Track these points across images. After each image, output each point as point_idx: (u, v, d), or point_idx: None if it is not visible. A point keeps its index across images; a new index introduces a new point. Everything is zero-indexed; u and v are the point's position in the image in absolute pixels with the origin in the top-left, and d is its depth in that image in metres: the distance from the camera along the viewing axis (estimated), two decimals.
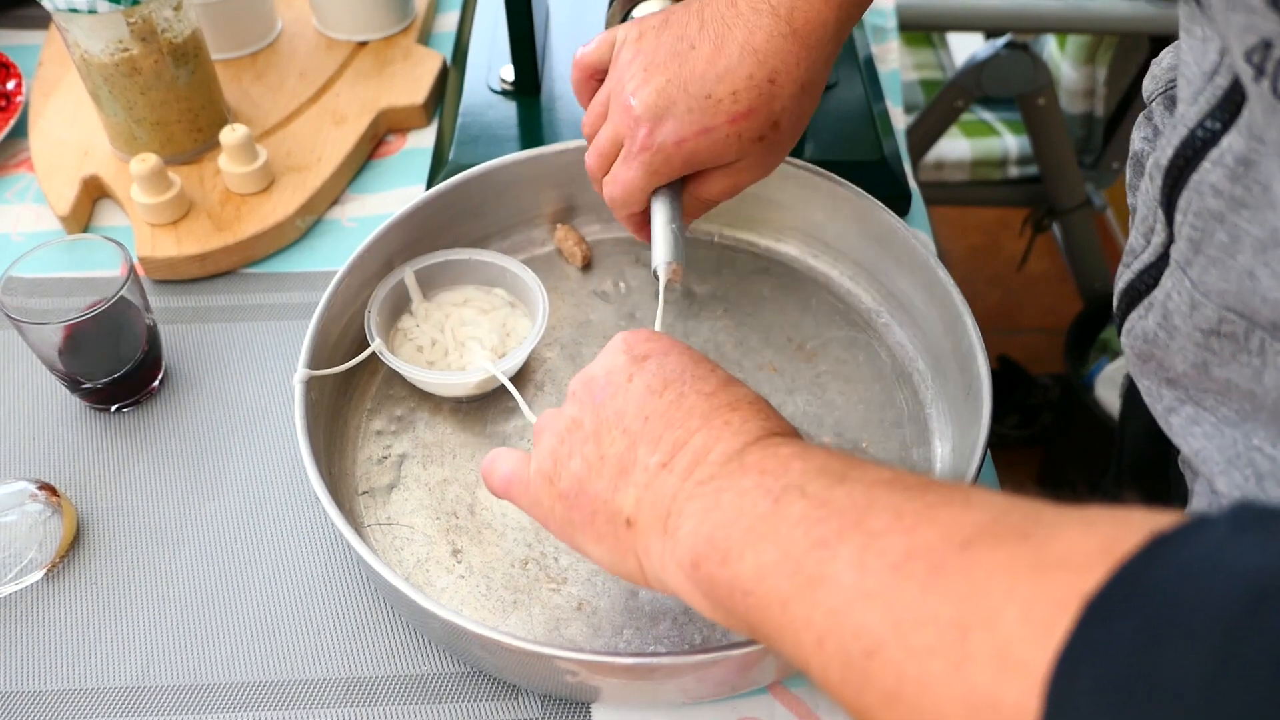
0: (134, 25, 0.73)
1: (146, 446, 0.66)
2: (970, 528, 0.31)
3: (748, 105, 0.53)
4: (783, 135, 0.55)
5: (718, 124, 0.53)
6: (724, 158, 0.55)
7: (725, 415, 0.41)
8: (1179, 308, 0.44)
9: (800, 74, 0.53)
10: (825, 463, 0.37)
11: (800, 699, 0.55)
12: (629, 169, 0.56)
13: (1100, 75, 1.45)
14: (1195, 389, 0.46)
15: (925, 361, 0.68)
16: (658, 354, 0.45)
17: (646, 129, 0.54)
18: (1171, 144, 0.42)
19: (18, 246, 0.77)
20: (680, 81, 0.53)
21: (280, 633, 0.57)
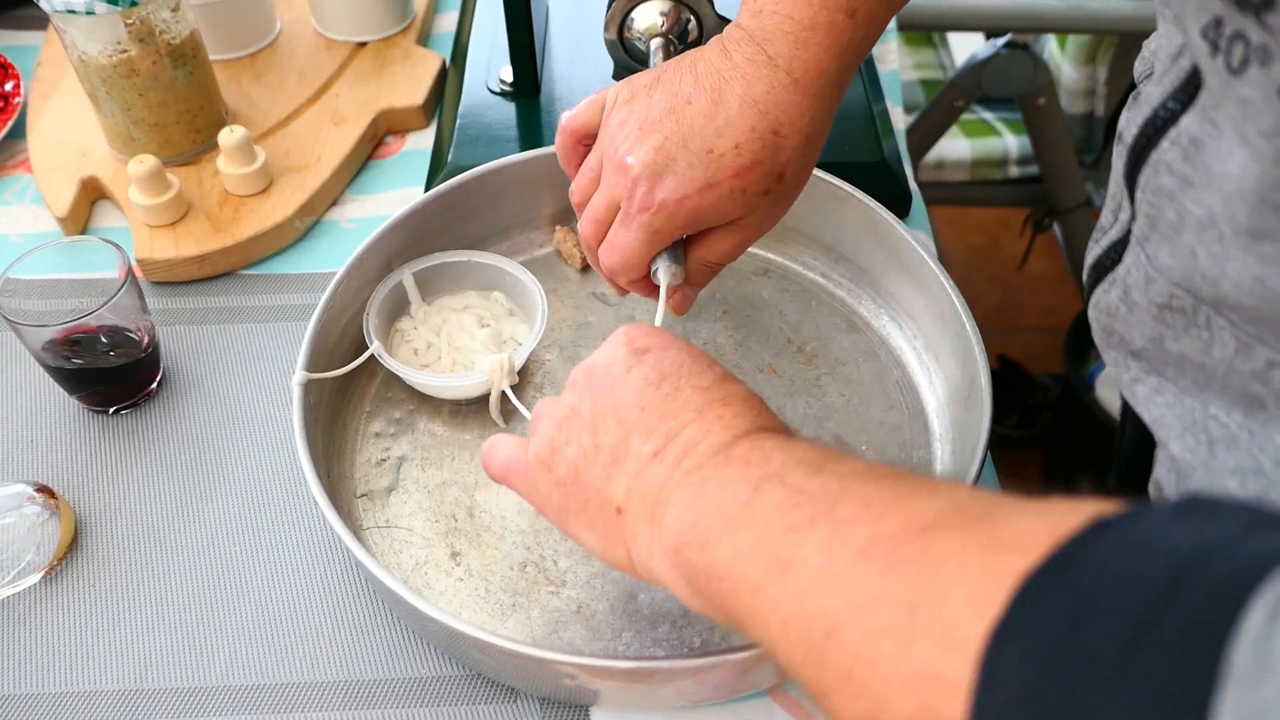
0: (132, 26, 0.72)
1: (145, 449, 0.65)
2: (932, 514, 0.32)
3: (751, 159, 0.51)
4: (788, 187, 0.53)
5: (721, 179, 0.51)
6: (728, 214, 0.53)
7: (718, 409, 0.42)
8: (1137, 283, 0.45)
9: (804, 125, 0.51)
10: (805, 454, 0.38)
11: (799, 703, 0.54)
12: (628, 231, 0.53)
13: (1100, 75, 1.45)
14: (1156, 361, 0.47)
15: (925, 362, 0.68)
16: (657, 348, 0.46)
17: (646, 188, 0.51)
18: (1136, 122, 0.43)
19: (16, 248, 0.77)
20: (679, 138, 0.51)
21: (278, 636, 0.57)
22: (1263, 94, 0.32)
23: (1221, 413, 0.44)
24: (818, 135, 0.53)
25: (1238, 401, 0.43)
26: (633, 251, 0.54)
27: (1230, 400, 0.43)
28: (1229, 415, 0.43)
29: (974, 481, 0.55)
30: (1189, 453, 0.45)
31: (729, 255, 0.55)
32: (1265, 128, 0.33)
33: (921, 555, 0.31)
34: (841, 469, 0.37)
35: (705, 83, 0.51)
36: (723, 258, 0.55)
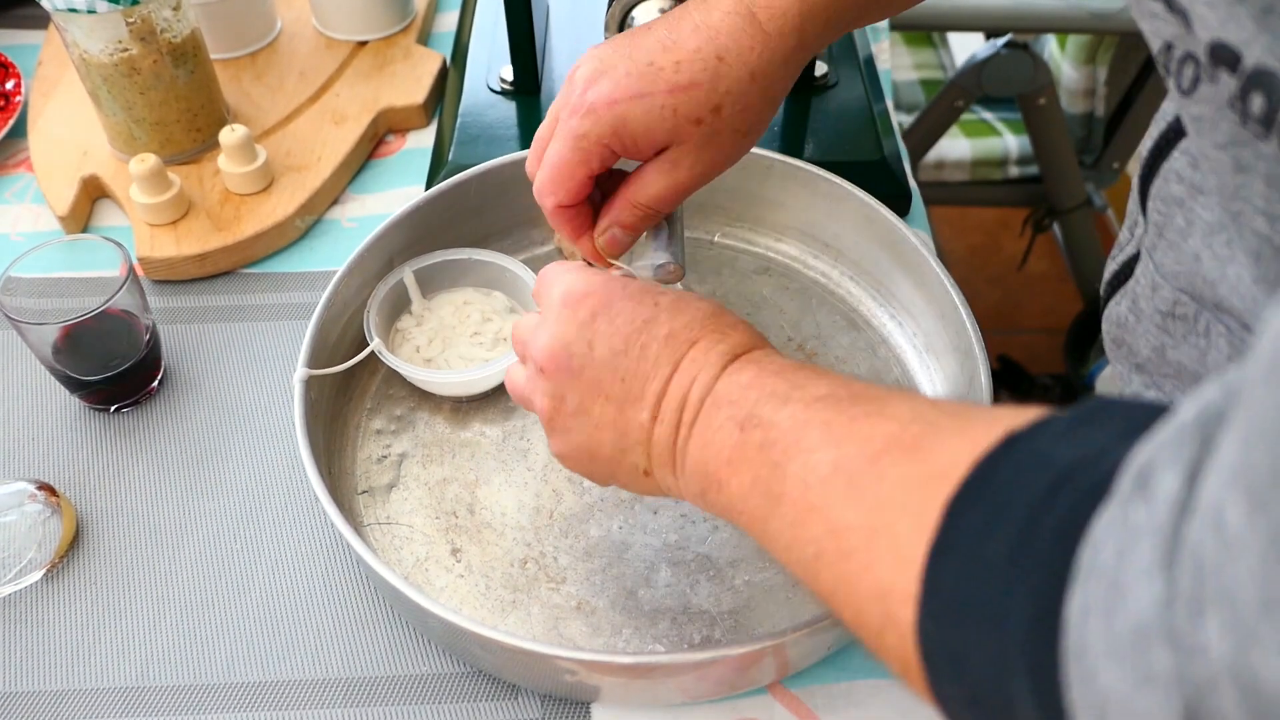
0: (133, 25, 0.72)
1: (146, 447, 0.66)
2: (881, 440, 0.36)
3: (689, 78, 0.49)
4: (723, 124, 0.51)
5: (654, 91, 0.49)
6: (655, 134, 0.50)
7: (689, 353, 0.45)
8: (1144, 291, 0.47)
9: (753, 59, 0.50)
10: (774, 385, 0.42)
11: (799, 699, 0.55)
12: (556, 141, 0.51)
13: (1100, 75, 1.45)
14: (1156, 373, 0.48)
15: (925, 360, 0.68)
16: (600, 307, 0.47)
17: (580, 90, 0.50)
18: (1152, 136, 0.45)
19: (17, 246, 0.77)
20: (626, 50, 0.50)
21: (280, 633, 0.57)
22: (1214, 109, 0.33)
23: None
24: (766, 76, 0.51)
25: None
26: (560, 161, 0.51)
27: None
28: None
29: None
30: None
31: (659, 199, 0.52)
32: (1220, 140, 0.34)
33: (875, 484, 0.35)
34: (805, 395, 0.40)
35: (670, 14, 0.52)
36: (652, 201, 0.53)
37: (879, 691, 0.55)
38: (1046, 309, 1.96)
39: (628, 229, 0.54)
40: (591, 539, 0.60)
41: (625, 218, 0.54)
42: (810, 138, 0.78)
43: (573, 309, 0.47)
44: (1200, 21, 0.31)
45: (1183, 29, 0.33)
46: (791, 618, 0.56)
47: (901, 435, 0.36)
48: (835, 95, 0.81)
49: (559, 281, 0.49)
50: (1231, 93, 0.32)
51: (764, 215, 0.74)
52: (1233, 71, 0.31)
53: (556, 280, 0.49)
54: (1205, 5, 0.31)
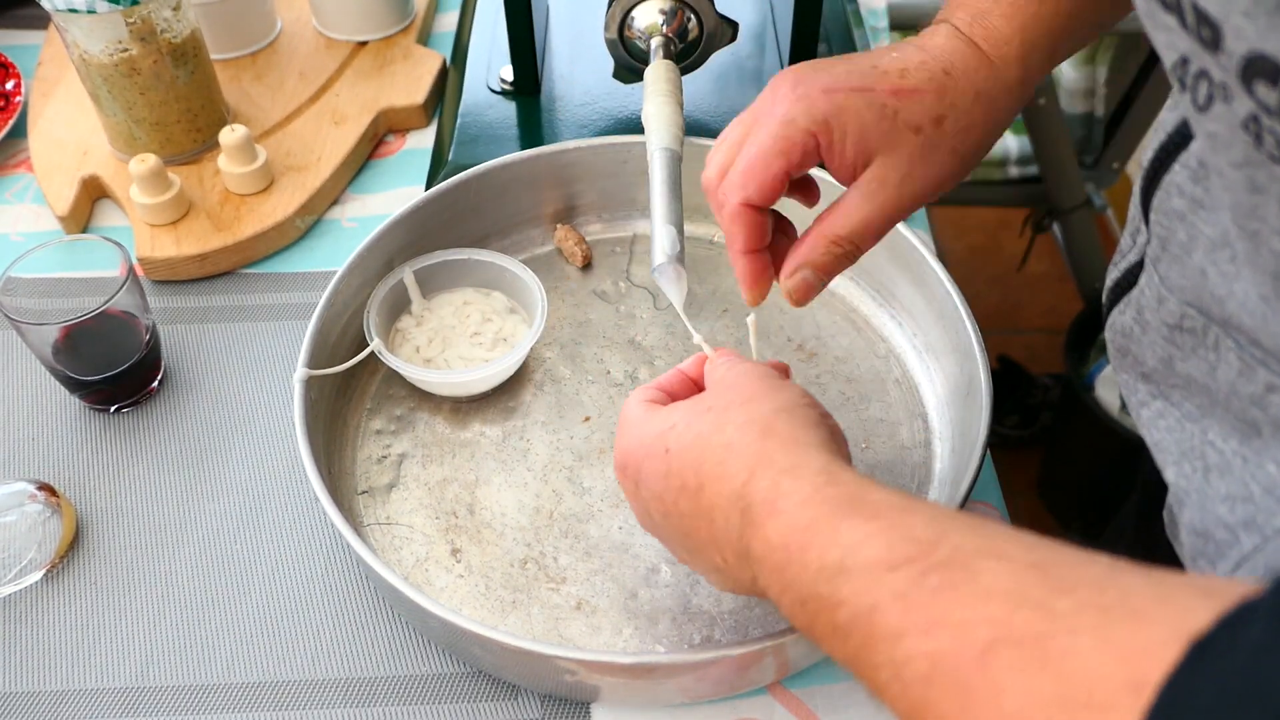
0: (133, 25, 0.73)
1: (146, 447, 0.66)
2: (983, 630, 0.30)
3: (915, 83, 0.47)
4: (943, 138, 0.47)
5: (877, 87, 0.46)
6: (869, 136, 0.46)
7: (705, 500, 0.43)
8: (1150, 303, 0.46)
9: (979, 80, 0.48)
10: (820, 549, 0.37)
11: (799, 699, 0.55)
12: (757, 132, 0.47)
13: (1100, 75, 1.45)
14: (1164, 384, 0.47)
15: (925, 361, 0.68)
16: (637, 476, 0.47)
17: (789, 82, 0.46)
18: (1152, 148, 0.44)
19: (17, 246, 0.77)
20: (844, 61, 0.47)
21: (280, 633, 0.57)
22: (1228, 129, 0.33)
23: (1219, 439, 0.44)
24: (993, 102, 0.48)
25: (1235, 428, 0.43)
26: (759, 152, 0.47)
27: (1229, 426, 0.44)
28: (1225, 442, 0.44)
29: (972, 481, 0.55)
30: (1184, 479, 0.46)
31: (863, 229, 0.48)
32: (1235, 159, 0.34)
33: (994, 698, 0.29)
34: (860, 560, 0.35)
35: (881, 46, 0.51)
36: (854, 232, 0.48)
37: None
38: (1046, 309, 1.96)
39: (821, 270, 0.49)
40: (591, 539, 0.60)
41: (819, 256, 0.49)
42: None
43: (623, 482, 0.49)
44: (1235, 34, 0.30)
45: (1198, 45, 0.32)
46: None
47: (1009, 624, 0.30)
48: None
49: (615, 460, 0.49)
50: (1247, 114, 0.31)
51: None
52: (1273, 84, 0.29)
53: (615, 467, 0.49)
54: (1243, 16, 0.29)
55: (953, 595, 0.32)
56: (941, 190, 0.49)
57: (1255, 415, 0.42)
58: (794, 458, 0.41)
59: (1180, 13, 0.32)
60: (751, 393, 0.45)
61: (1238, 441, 0.43)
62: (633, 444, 0.47)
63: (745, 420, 0.43)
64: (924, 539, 0.34)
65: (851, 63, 0.48)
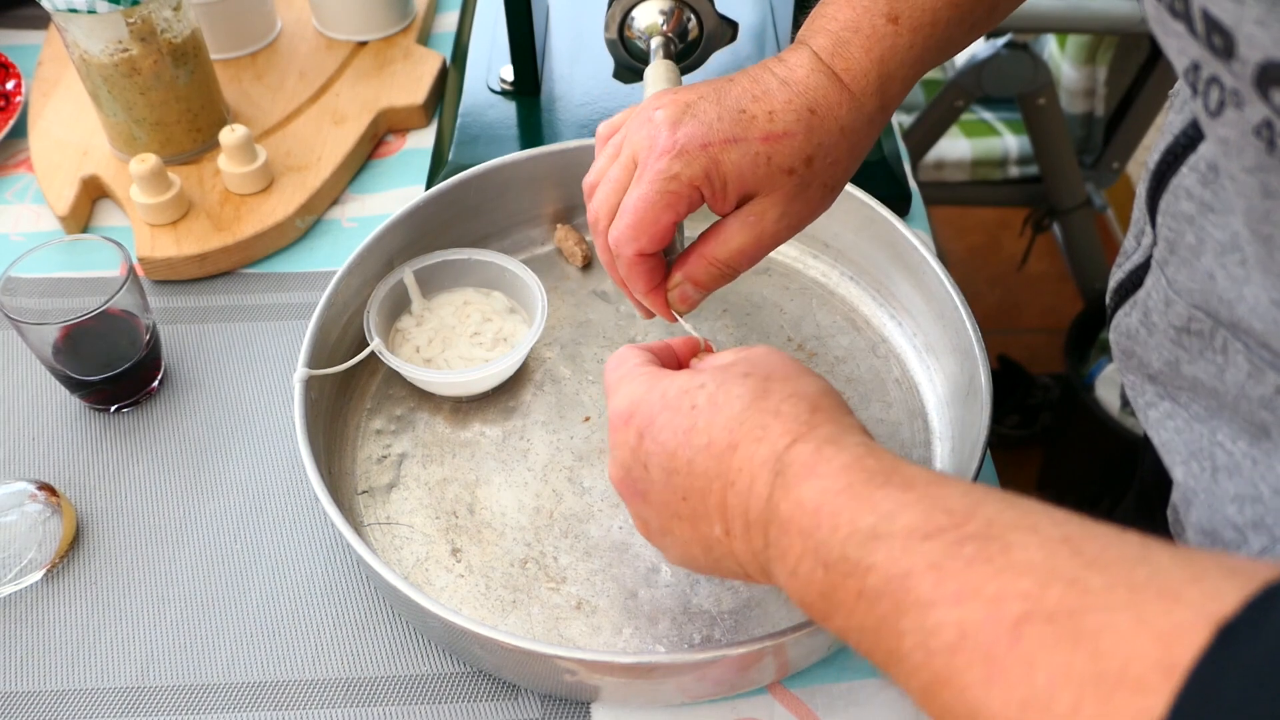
0: (133, 25, 0.73)
1: (146, 447, 0.66)
2: (1015, 603, 0.30)
3: (784, 127, 0.49)
4: (814, 176, 0.50)
5: (750, 137, 0.48)
6: (746, 181, 0.49)
7: (733, 462, 0.42)
8: (1157, 305, 0.46)
9: (842, 115, 0.50)
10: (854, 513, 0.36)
11: (799, 699, 0.55)
12: (642, 185, 0.49)
13: (1100, 75, 1.45)
14: (1171, 385, 0.47)
15: (925, 360, 0.68)
16: (645, 426, 0.45)
17: (668, 132, 0.48)
18: (1159, 149, 0.44)
19: (17, 246, 0.77)
20: (713, 98, 0.49)
21: (280, 633, 0.57)
22: (1240, 134, 0.33)
23: (1228, 440, 0.44)
24: (855, 135, 0.51)
25: (1244, 429, 0.43)
26: (647, 205, 0.49)
27: (1238, 428, 0.44)
28: (1234, 443, 0.44)
29: (973, 480, 0.55)
30: (1192, 479, 0.46)
31: (740, 254, 0.51)
32: (1248, 164, 0.34)
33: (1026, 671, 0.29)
34: (897, 527, 0.35)
35: (748, 72, 0.51)
36: (732, 256, 0.51)
37: (879, 691, 0.55)
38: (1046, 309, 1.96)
39: (700, 286, 0.53)
40: (591, 539, 0.60)
41: (700, 274, 0.52)
42: None
43: (622, 432, 0.46)
44: (1248, 41, 0.30)
45: (1209, 53, 0.32)
46: (791, 617, 0.56)
47: (1041, 599, 0.30)
48: None
49: (611, 396, 0.48)
50: (1260, 120, 0.31)
51: None
52: None
53: (610, 393, 0.48)
54: (1256, 24, 0.29)
55: (986, 567, 0.32)
56: (811, 219, 0.52)
57: (1264, 417, 0.42)
58: (837, 431, 0.41)
59: (1189, 20, 0.32)
60: (791, 370, 0.45)
61: (1247, 443, 0.43)
62: (648, 394, 0.46)
63: (792, 393, 0.43)
64: (958, 510, 0.34)
65: (721, 105, 0.49)
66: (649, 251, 0.51)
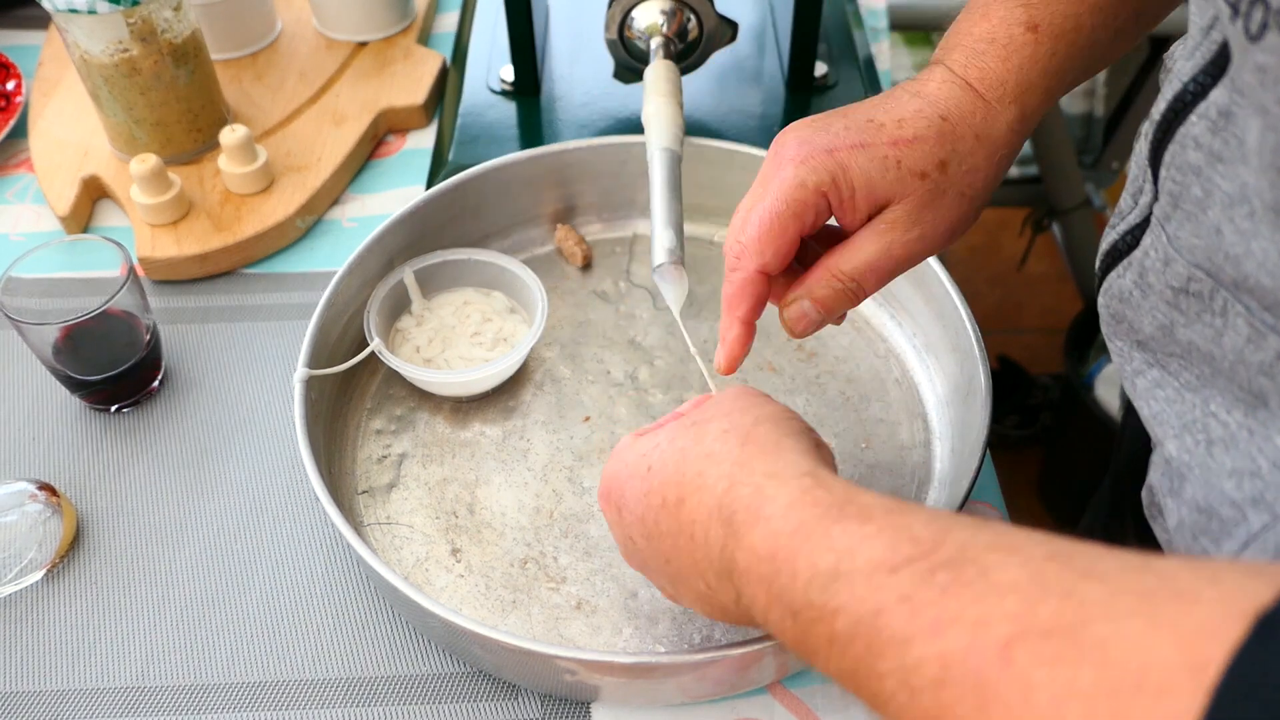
0: (134, 26, 0.73)
1: (146, 447, 0.66)
2: (1004, 624, 0.28)
3: (913, 133, 0.47)
4: (949, 182, 0.48)
5: (877, 142, 0.47)
6: (876, 187, 0.47)
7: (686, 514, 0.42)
8: (1154, 265, 0.44)
9: (977, 122, 0.48)
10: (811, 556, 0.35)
11: (799, 699, 0.55)
12: (766, 196, 0.47)
13: (1100, 75, 1.45)
14: (1162, 352, 0.46)
15: (925, 361, 0.68)
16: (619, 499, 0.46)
17: (794, 142, 0.47)
18: (1165, 98, 0.42)
19: (17, 246, 0.77)
20: (840, 113, 0.48)
21: (280, 633, 0.57)
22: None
23: (1222, 410, 0.43)
24: (993, 143, 0.48)
25: (1240, 399, 0.42)
26: (771, 216, 0.47)
27: (1232, 397, 0.42)
28: (1229, 413, 0.42)
29: (972, 481, 0.55)
30: (1186, 453, 0.45)
31: (869, 268, 0.48)
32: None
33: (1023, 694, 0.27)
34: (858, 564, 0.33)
35: (877, 95, 0.50)
36: (859, 270, 0.48)
37: None
38: (1046, 309, 1.96)
39: (821, 305, 0.49)
40: (591, 539, 0.60)
41: (820, 290, 0.49)
42: None
43: (608, 512, 0.48)
44: None
45: None
46: None
47: (1031, 616, 0.28)
48: (835, 95, 0.81)
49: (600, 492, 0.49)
50: None
51: None
52: None
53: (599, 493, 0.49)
54: None
55: (965, 592, 0.30)
56: (954, 235, 0.49)
57: (1263, 385, 0.40)
58: (777, 463, 0.40)
59: None
60: (733, 406, 0.44)
61: (1242, 413, 0.42)
62: (616, 468, 0.47)
63: (725, 429, 0.42)
64: (925, 538, 0.32)
65: (849, 117, 0.48)
66: (771, 270, 0.49)
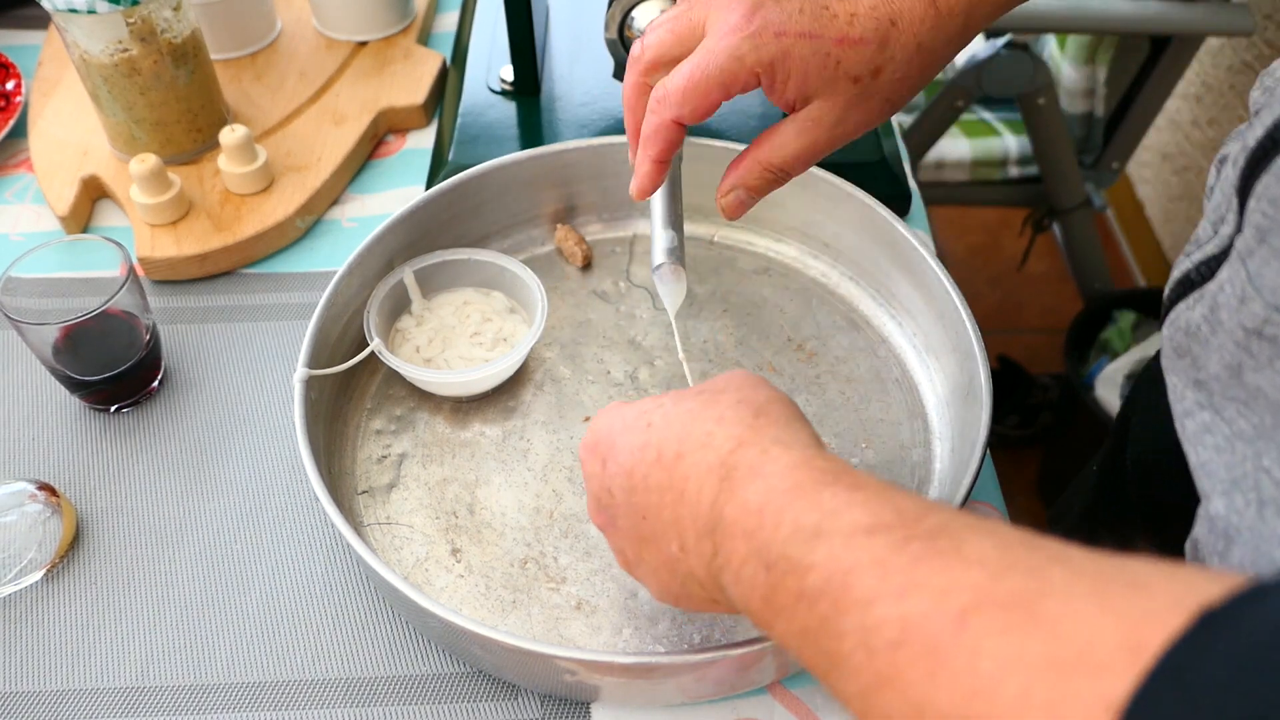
0: (133, 25, 0.73)
1: (146, 447, 0.66)
2: (965, 594, 0.29)
3: (860, 34, 0.48)
4: (878, 88, 0.49)
5: (825, 35, 0.47)
6: (810, 81, 0.48)
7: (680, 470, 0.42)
8: (1228, 301, 0.43)
9: (922, 31, 0.49)
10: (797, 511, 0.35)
11: (799, 699, 0.55)
12: (704, 53, 0.48)
13: (1100, 75, 1.45)
14: (1221, 395, 0.44)
15: (925, 361, 0.68)
16: (607, 451, 0.46)
17: (743, 11, 0.47)
18: (1264, 124, 0.41)
19: (17, 246, 0.77)
20: None
21: (280, 633, 0.57)
22: None
23: (1275, 466, 0.41)
24: (931, 52, 0.50)
25: None
26: (703, 76, 0.48)
27: None
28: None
29: (972, 480, 0.55)
30: (1235, 513, 0.43)
31: (793, 160, 0.51)
32: None
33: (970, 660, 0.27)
34: (841, 525, 0.34)
35: None
36: (786, 160, 0.51)
37: None
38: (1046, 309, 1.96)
39: (753, 191, 0.53)
40: (591, 539, 0.60)
41: (753, 179, 0.52)
42: None
43: (590, 463, 0.47)
44: None
45: None
46: None
47: (993, 588, 0.28)
48: None
49: (580, 453, 0.49)
50: None
51: (764, 215, 0.74)
52: None
53: (580, 454, 0.49)
54: None
55: (934, 562, 0.30)
56: (867, 129, 0.52)
57: None
58: (785, 434, 0.40)
59: None
60: (745, 383, 0.45)
61: None
62: (610, 421, 0.47)
63: (738, 400, 0.43)
64: (909, 510, 0.33)
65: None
66: (688, 121, 0.50)
